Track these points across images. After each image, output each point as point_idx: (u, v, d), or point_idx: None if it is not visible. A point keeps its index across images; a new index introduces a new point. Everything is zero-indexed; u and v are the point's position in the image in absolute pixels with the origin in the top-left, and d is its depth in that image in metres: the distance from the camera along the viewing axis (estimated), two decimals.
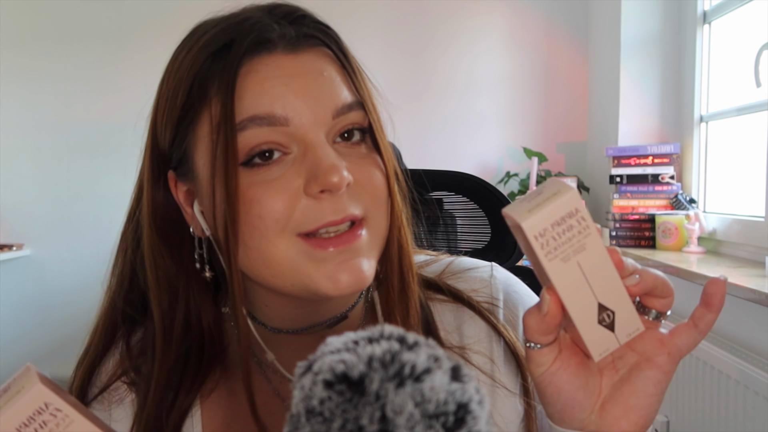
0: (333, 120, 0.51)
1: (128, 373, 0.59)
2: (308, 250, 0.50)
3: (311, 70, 0.52)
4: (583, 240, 0.43)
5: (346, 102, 0.52)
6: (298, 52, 0.52)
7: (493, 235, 0.84)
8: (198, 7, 0.61)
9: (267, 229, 0.49)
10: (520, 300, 0.64)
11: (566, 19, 2.74)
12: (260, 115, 0.49)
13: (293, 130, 0.50)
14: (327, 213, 0.50)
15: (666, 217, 2.09)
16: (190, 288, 0.57)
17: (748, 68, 1.84)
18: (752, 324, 1.49)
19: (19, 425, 0.40)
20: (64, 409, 0.41)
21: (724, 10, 2.04)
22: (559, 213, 0.42)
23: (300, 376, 0.35)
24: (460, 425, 0.32)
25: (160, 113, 0.55)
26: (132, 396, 0.59)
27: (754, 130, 1.83)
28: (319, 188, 0.49)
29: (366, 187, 0.52)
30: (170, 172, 0.57)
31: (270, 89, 0.50)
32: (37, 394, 0.41)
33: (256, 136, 0.49)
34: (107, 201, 2.92)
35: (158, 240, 0.56)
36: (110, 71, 2.89)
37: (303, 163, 0.50)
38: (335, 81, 0.53)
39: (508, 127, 2.79)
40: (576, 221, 0.42)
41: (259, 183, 0.50)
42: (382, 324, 0.36)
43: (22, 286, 2.95)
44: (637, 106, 2.34)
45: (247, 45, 0.50)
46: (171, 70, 0.55)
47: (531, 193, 0.45)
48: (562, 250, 0.42)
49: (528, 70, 2.77)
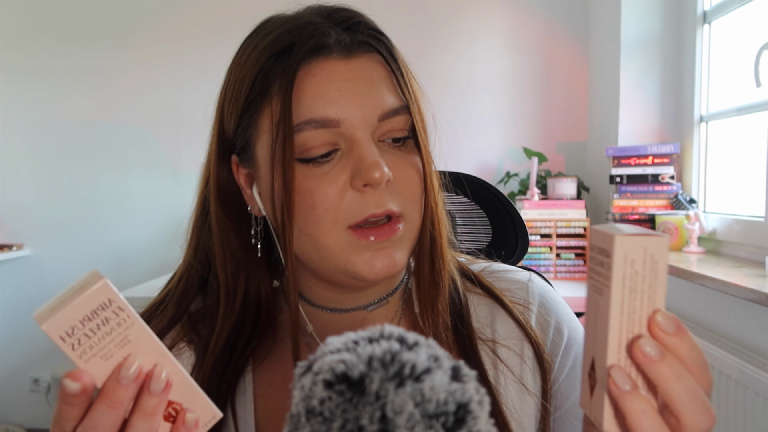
0: (378, 122, 0.57)
1: (189, 334, 0.64)
2: (354, 240, 0.57)
3: (363, 75, 0.57)
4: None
5: (392, 106, 0.57)
6: (352, 57, 0.57)
7: (493, 235, 0.84)
8: (198, 8, 0.62)
9: (319, 218, 0.56)
10: (554, 308, 0.67)
11: (566, 19, 2.74)
12: (315, 119, 0.55)
13: (343, 130, 0.56)
14: (370, 206, 0.56)
15: (666, 217, 2.09)
16: (250, 260, 0.63)
17: (748, 68, 1.84)
18: (752, 324, 1.49)
19: (82, 318, 0.40)
20: (125, 310, 0.41)
21: (724, 10, 2.04)
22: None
23: (300, 376, 0.35)
24: (460, 425, 0.32)
25: (226, 102, 0.61)
26: (190, 353, 0.64)
27: (754, 130, 1.83)
28: (363, 182, 0.55)
29: (403, 184, 0.58)
30: (234, 156, 0.62)
31: (325, 93, 0.56)
32: (102, 289, 0.40)
33: (311, 137, 0.56)
34: (107, 201, 2.93)
35: (223, 215, 0.62)
36: (110, 71, 2.89)
37: (349, 159, 0.56)
38: (383, 86, 0.58)
39: (508, 127, 2.79)
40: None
41: (312, 176, 0.56)
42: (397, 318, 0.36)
43: (22, 286, 2.95)
44: (637, 106, 2.34)
45: (306, 50, 0.56)
46: (237, 63, 0.60)
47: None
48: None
49: (528, 70, 2.77)
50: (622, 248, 0.40)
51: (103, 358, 0.41)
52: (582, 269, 2.37)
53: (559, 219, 2.37)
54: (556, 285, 1.24)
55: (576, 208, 2.38)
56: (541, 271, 2.07)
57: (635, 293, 0.41)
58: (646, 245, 0.40)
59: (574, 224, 2.37)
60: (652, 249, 0.40)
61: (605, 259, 0.41)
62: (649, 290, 0.41)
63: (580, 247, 2.37)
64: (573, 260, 2.36)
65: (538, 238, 2.37)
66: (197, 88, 2.84)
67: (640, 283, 0.41)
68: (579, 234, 2.37)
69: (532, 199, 2.42)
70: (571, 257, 2.36)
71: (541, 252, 2.37)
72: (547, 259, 2.37)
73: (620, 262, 0.40)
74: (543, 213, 2.38)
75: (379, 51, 0.59)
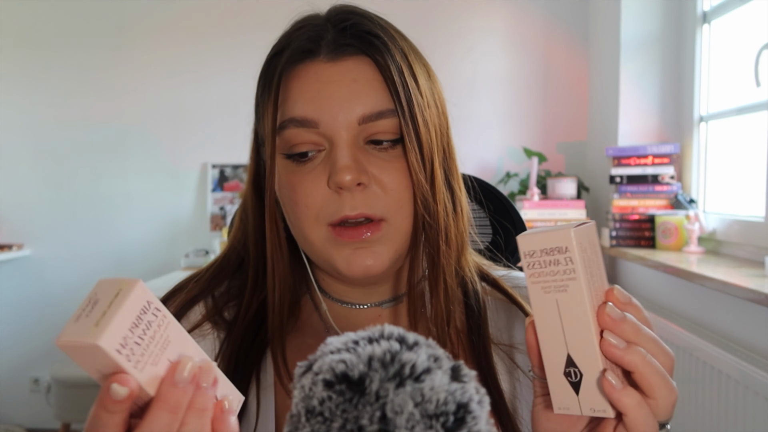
0: (359, 125, 0.57)
1: (213, 317, 0.65)
2: (332, 236, 0.58)
3: (345, 78, 0.58)
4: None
5: (374, 110, 0.57)
6: (338, 60, 0.58)
7: (493, 235, 0.84)
8: (198, 8, 0.63)
9: (301, 213, 0.59)
10: None
11: (566, 19, 2.74)
12: (296, 118, 0.58)
13: (323, 130, 0.57)
14: (345, 207, 0.57)
15: (666, 217, 2.09)
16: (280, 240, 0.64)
17: (748, 68, 1.83)
18: (752, 324, 1.49)
19: (130, 326, 0.38)
20: (162, 309, 0.40)
21: (724, 10, 2.04)
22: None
23: (300, 376, 0.35)
24: (460, 425, 0.32)
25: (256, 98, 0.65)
26: (215, 333, 0.65)
27: (754, 130, 1.83)
28: (335, 185, 0.56)
29: (387, 189, 0.58)
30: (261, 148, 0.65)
31: (306, 94, 0.58)
32: (141, 292, 0.39)
33: (294, 135, 0.58)
34: (107, 201, 2.93)
35: (255, 198, 0.65)
36: (110, 72, 2.89)
37: (328, 160, 0.58)
38: (367, 89, 0.58)
39: (508, 127, 2.79)
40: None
41: (296, 173, 0.59)
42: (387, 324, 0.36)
43: (22, 286, 2.95)
44: (637, 106, 2.33)
45: (290, 53, 0.59)
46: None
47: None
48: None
49: (528, 71, 2.77)
50: (578, 239, 0.43)
51: (153, 364, 0.39)
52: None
53: (559, 219, 2.37)
54: None
55: (576, 208, 2.38)
56: None
57: (593, 277, 0.44)
58: (587, 233, 0.45)
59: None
60: (590, 235, 0.45)
61: (561, 256, 0.43)
62: (598, 271, 0.45)
63: None
64: None
65: None
66: (197, 88, 2.84)
67: (593, 266, 0.45)
68: None
69: (532, 199, 2.42)
70: None
71: None
72: None
73: (579, 252, 0.43)
74: (543, 213, 2.38)
75: (368, 53, 0.58)
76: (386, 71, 0.58)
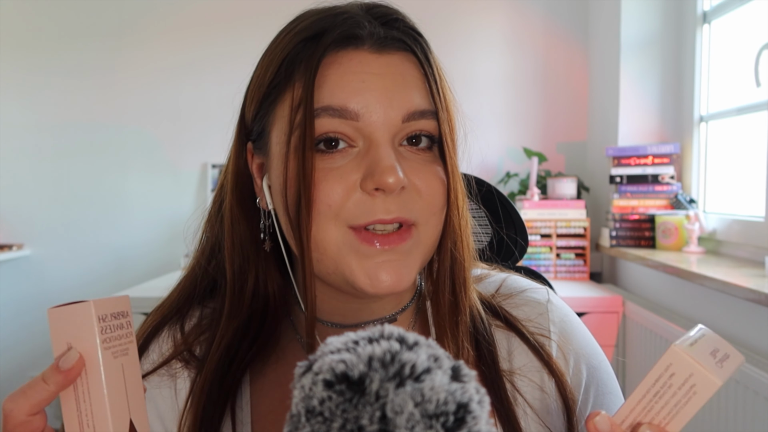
0: (402, 123, 0.53)
1: (182, 353, 0.61)
2: (355, 242, 0.52)
3: (392, 72, 0.54)
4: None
5: (418, 108, 0.54)
6: (384, 52, 0.54)
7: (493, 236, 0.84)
8: (199, 7, 0.62)
9: (318, 213, 0.52)
10: (573, 332, 0.64)
11: (566, 19, 2.74)
12: (334, 107, 0.52)
13: (362, 125, 0.52)
14: (378, 211, 0.52)
15: (666, 217, 2.09)
16: (260, 255, 0.60)
17: (748, 68, 1.83)
18: (752, 324, 1.49)
19: (102, 315, 0.44)
20: (131, 329, 0.46)
21: (724, 10, 2.04)
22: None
23: (300, 376, 0.35)
24: (460, 425, 0.32)
25: (251, 88, 0.59)
26: (186, 373, 0.61)
27: (754, 130, 1.83)
28: (374, 186, 0.51)
29: (421, 194, 0.54)
30: (249, 144, 0.60)
31: (349, 83, 0.52)
32: (125, 300, 0.46)
33: (326, 124, 0.52)
34: (107, 201, 2.93)
35: (236, 205, 0.60)
36: (110, 71, 2.89)
37: (364, 159, 0.52)
38: (413, 86, 0.54)
39: (508, 127, 2.79)
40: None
41: (320, 168, 0.52)
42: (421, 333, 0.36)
43: (22, 286, 2.95)
44: (637, 106, 2.34)
45: (335, 36, 0.53)
46: (268, 50, 0.58)
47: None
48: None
49: (528, 70, 2.77)
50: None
51: (113, 355, 0.45)
52: (582, 269, 2.37)
53: (559, 219, 2.37)
54: (556, 285, 1.24)
55: (576, 208, 2.39)
56: (541, 271, 2.07)
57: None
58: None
59: (574, 224, 2.37)
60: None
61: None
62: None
63: (580, 247, 2.37)
64: (573, 260, 2.36)
65: (538, 238, 2.37)
66: (197, 87, 2.84)
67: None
68: (579, 234, 2.37)
69: (532, 199, 2.42)
70: (571, 257, 2.36)
71: (541, 252, 2.37)
72: (547, 259, 2.37)
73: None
74: (543, 213, 2.38)
75: (414, 51, 0.56)
76: (431, 70, 0.56)
